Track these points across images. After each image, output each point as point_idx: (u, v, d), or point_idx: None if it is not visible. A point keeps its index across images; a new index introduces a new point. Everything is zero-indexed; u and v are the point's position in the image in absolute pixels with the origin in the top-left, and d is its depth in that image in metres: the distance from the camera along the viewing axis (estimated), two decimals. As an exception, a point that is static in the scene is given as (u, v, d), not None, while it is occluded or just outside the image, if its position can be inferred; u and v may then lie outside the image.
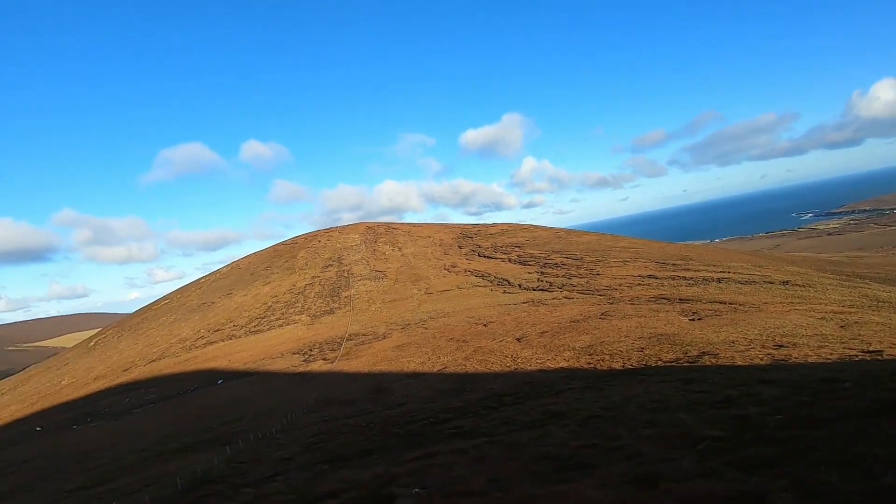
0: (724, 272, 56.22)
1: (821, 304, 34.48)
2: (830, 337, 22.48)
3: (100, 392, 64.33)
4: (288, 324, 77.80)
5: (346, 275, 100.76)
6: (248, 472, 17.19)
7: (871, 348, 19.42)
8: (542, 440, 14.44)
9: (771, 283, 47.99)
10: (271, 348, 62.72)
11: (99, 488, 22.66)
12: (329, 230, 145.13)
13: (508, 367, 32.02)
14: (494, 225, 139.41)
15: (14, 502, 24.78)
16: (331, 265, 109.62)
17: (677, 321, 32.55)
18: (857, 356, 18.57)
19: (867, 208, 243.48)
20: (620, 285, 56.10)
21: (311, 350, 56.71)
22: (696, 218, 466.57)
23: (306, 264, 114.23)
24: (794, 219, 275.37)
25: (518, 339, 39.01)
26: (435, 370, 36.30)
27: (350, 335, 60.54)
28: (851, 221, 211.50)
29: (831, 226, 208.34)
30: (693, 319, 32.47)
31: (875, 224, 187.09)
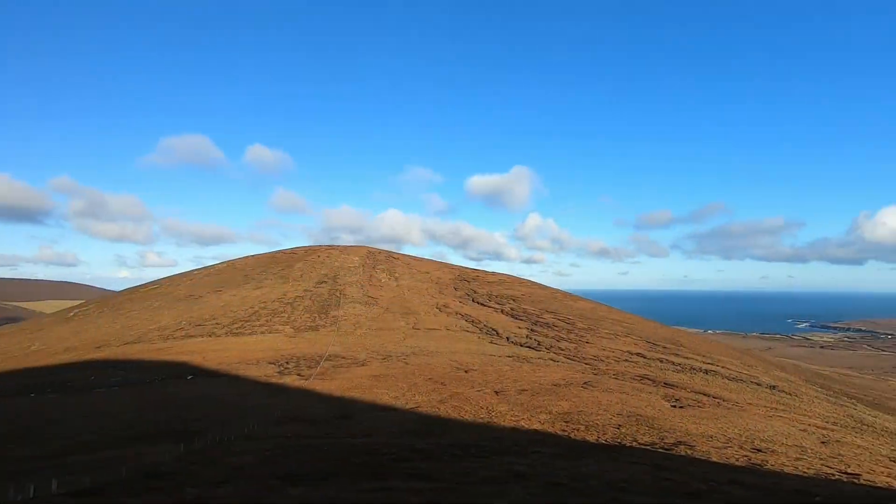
0: (712, 364, 55.77)
1: (805, 415, 34.03)
2: (810, 451, 22.10)
3: (67, 364, 62.95)
4: (270, 332, 76.85)
5: (338, 294, 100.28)
6: (197, 474, 16.67)
7: (849, 470, 19.07)
8: (500, 497, 14.16)
9: (758, 384, 47.50)
10: (249, 353, 61.74)
11: (46, 462, 21.92)
12: (330, 247, 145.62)
13: (482, 418, 31.39)
14: (494, 273, 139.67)
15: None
16: (325, 282, 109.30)
17: (659, 405, 32.10)
18: (833, 475, 18.21)
19: (863, 328, 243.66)
20: (608, 357, 55.60)
21: (287, 363, 55.78)
22: (693, 305, 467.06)
23: (301, 276, 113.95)
24: (789, 325, 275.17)
25: (497, 392, 38.39)
26: (407, 407, 35.58)
27: (329, 355, 59.66)
28: (846, 338, 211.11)
29: (825, 339, 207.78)
30: (675, 406, 32.02)
31: (868, 346, 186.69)
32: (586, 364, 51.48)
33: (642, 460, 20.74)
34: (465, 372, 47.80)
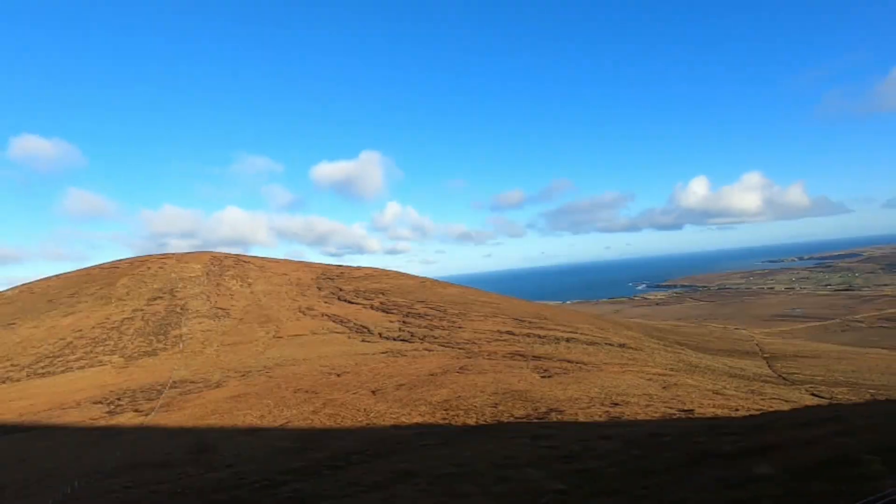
0: (572, 332, 61.88)
1: (648, 366, 39.43)
2: (655, 397, 25.39)
3: None
4: (92, 366, 64.19)
5: (178, 310, 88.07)
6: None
7: (685, 407, 22.29)
8: (388, 502, 13.44)
9: (611, 345, 53.94)
10: (64, 395, 50.63)
11: None
12: (164, 256, 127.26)
13: (361, 422, 29.98)
14: (359, 268, 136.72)
15: None
16: (160, 297, 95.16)
17: (530, 378, 34.19)
18: (675, 414, 21.10)
19: (686, 284, 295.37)
20: (480, 339, 58.05)
21: (119, 399, 47.05)
22: (552, 280, 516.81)
23: (127, 294, 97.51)
24: (630, 288, 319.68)
25: (373, 392, 37.17)
26: (276, 425, 32.42)
27: (174, 382, 51.88)
28: (674, 294, 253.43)
29: (658, 297, 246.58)
30: (544, 376, 34.43)
31: (691, 298, 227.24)
32: (460, 349, 52.98)
33: (521, 434, 21.62)
34: (338, 376, 45.53)
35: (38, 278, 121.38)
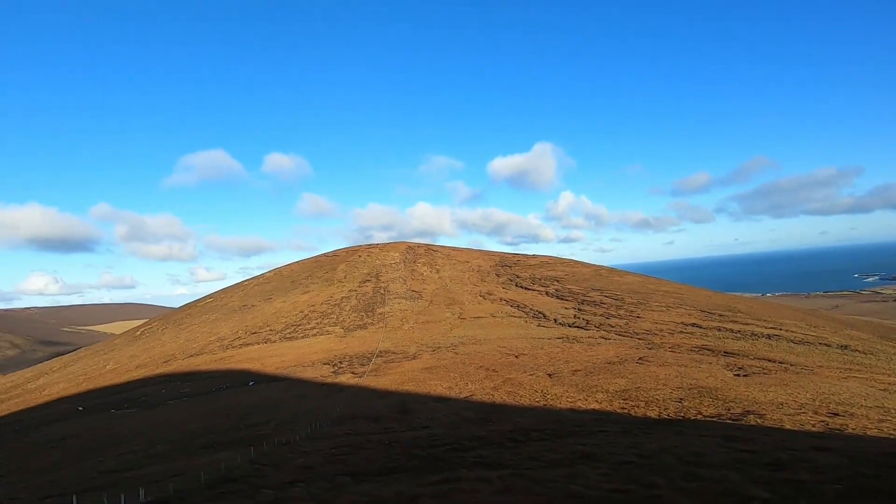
0: (775, 329, 53.06)
1: (883, 374, 31.84)
2: (894, 411, 20.62)
3: (140, 380, 67.01)
4: (321, 334, 79.03)
5: (382, 292, 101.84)
6: (269, 476, 17.31)
7: (942, 427, 17.66)
8: (572, 480, 13.79)
9: (827, 345, 44.84)
10: (303, 356, 63.73)
11: (128, 473, 23.38)
12: (370, 246, 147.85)
13: (538, 402, 31.13)
14: (534, 256, 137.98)
15: (52, 476, 25.89)
16: (368, 280, 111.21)
17: (721, 375, 30.83)
18: (926, 434, 16.91)
19: None
20: (661, 331, 53.91)
21: (341, 362, 57.21)
22: (748, 269, 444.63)
23: (345, 277, 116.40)
24: (856, 280, 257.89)
25: (549, 375, 37.98)
26: (462, 397, 35.75)
27: (380, 352, 60.75)
28: None
29: None
30: (738, 375, 30.67)
31: None
32: (639, 339, 50.11)
33: (711, 433, 19.95)
34: (516, 357, 47.53)
35: (284, 264, 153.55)
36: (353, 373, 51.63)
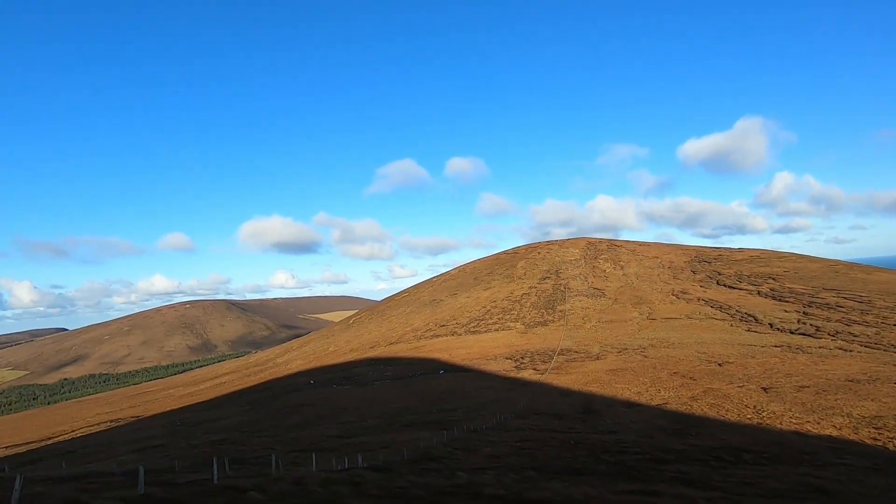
0: None
1: None
2: None
3: (353, 362, 78.88)
4: (503, 329, 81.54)
5: (562, 289, 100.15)
6: (461, 459, 18.70)
7: None
8: None
9: None
10: (486, 349, 66.68)
11: (349, 440, 27.84)
12: (549, 243, 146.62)
13: (749, 419, 26.93)
14: (740, 250, 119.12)
15: (294, 435, 32.39)
16: (548, 277, 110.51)
17: None
18: None
19: None
20: (936, 344, 41.21)
21: (522, 357, 58.20)
22: None
23: (525, 274, 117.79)
24: None
25: (765, 389, 32.45)
26: (653, 403, 33.02)
27: (561, 350, 59.89)
28: None
29: None
30: None
31: None
32: (899, 353, 39.24)
33: None
34: (719, 365, 41.85)
35: (467, 261, 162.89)
36: (534, 369, 52.05)
